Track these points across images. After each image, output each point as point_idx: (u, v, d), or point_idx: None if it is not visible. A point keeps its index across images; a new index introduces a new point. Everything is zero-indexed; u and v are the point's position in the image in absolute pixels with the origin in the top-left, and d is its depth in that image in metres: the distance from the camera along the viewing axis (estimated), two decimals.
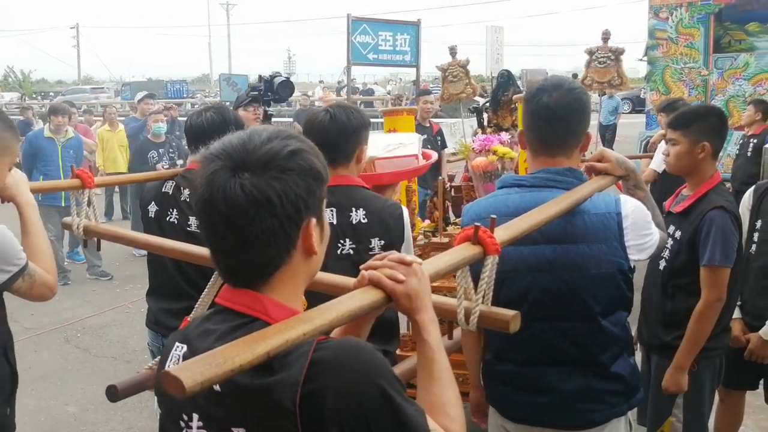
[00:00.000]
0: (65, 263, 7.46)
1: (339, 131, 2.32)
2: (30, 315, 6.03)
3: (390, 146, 3.16)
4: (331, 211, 2.32)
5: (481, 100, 10.17)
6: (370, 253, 2.31)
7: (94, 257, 7.38)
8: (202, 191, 1.12)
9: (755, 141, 6.39)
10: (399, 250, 2.34)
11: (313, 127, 2.35)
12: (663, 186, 4.90)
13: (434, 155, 3.35)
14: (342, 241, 2.33)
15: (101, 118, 10.12)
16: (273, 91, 3.84)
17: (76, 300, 6.64)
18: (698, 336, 2.59)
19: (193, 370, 0.90)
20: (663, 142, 6.12)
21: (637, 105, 20.04)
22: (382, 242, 2.35)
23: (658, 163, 5.96)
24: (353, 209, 2.34)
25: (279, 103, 4.33)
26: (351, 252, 2.33)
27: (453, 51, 5.04)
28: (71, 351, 5.44)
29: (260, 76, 3.94)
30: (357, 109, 2.45)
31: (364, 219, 2.34)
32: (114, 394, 1.86)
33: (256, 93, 3.86)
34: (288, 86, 3.93)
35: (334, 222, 2.32)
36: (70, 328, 5.89)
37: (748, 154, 6.42)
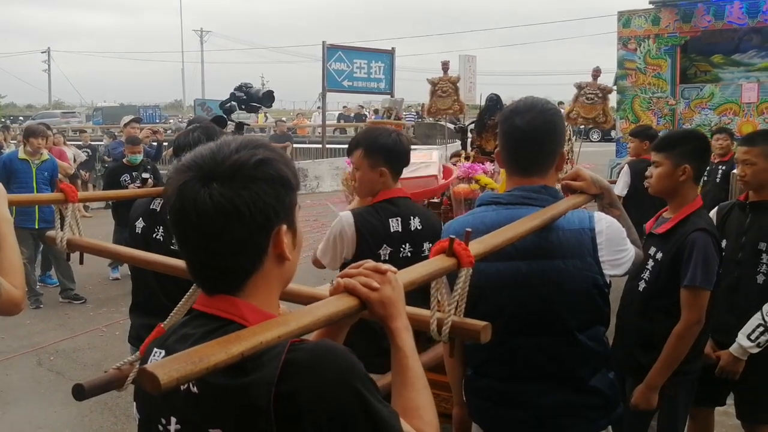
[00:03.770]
0: (37, 287, 7.34)
1: (407, 152, 2.76)
2: (0, 338, 5.93)
3: (412, 166, 3.44)
4: (397, 220, 2.72)
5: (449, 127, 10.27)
6: (422, 255, 2.66)
7: (67, 280, 7.27)
8: (174, 202, 1.15)
9: (724, 167, 6.57)
10: None
11: (393, 148, 2.73)
12: (627, 209, 4.99)
13: (455, 170, 3.66)
14: (404, 246, 2.71)
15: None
16: (255, 100, 3.90)
17: (48, 323, 6.52)
18: (674, 357, 2.63)
19: (168, 368, 0.92)
20: (626, 167, 6.32)
21: (606, 133, 20.42)
22: (430, 245, 2.60)
23: (621, 187, 6.11)
24: (411, 217, 2.74)
25: (252, 112, 4.43)
26: (409, 255, 2.70)
27: (445, 66, 5.10)
28: (44, 374, 5.34)
29: (241, 85, 3.98)
30: (406, 136, 2.84)
31: (419, 226, 2.73)
32: (81, 393, 1.86)
33: (234, 103, 3.90)
34: (270, 97, 4.02)
35: (399, 230, 2.71)
36: (42, 352, 5.78)
37: (717, 180, 6.59)
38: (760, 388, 3.08)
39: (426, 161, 3.57)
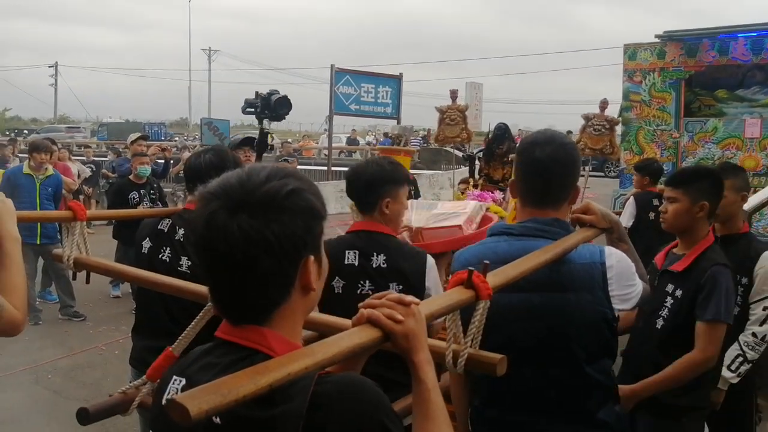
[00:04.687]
0: (37, 303, 7.28)
1: (366, 182, 2.59)
2: None
3: (440, 216, 3.35)
4: (354, 253, 2.55)
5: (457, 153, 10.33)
6: None
7: (67, 297, 7.23)
8: (201, 231, 1.12)
9: None
10: (420, 298, 2.43)
11: (348, 176, 2.70)
12: (632, 240, 5.00)
13: (494, 220, 3.49)
14: (362, 282, 2.54)
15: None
16: (270, 108, 3.75)
17: (47, 341, 6.46)
18: (679, 380, 2.63)
19: (199, 399, 0.92)
20: (632, 198, 6.34)
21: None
22: (400, 287, 2.50)
23: (626, 218, 6.12)
24: (375, 254, 2.56)
25: (275, 121, 4.18)
26: (370, 293, 2.43)
27: (454, 95, 5.14)
28: (41, 393, 5.29)
29: (257, 93, 3.83)
30: (393, 164, 2.69)
31: (384, 264, 2.54)
32: (86, 417, 1.85)
33: (252, 110, 3.81)
34: (285, 104, 3.78)
35: (356, 264, 2.54)
36: (40, 369, 5.72)
37: None
38: (736, 416, 3.16)
39: (456, 211, 3.43)
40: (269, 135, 3.87)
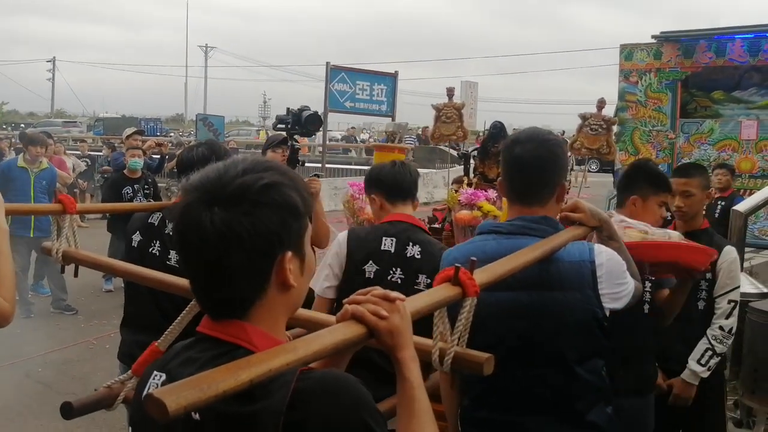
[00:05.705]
0: (29, 296, 7.27)
1: (405, 175, 2.77)
2: None
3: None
4: (391, 240, 2.67)
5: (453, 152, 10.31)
6: (415, 287, 2.56)
7: (59, 290, 7.22)
8: (177, 223, 1.13)
9: (723, 203, 6.56)
10: None
11: (397, 169, 2.82)
12: None
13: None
14: (394, 269, 2.64)
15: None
16: (301, 124, 3.75)
17: (38, 333, 6.40)
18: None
19: (177, 394, 0.90)
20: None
21: (605, 165, 20.51)
22: (429, 281, 2.54)
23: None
24: (410, 243, 2.67)
25: (306, 137, 4.19)
26: (399, 281, 2.60)
27: (450, 93, 5.14)
28: (32, 386, 5.27)
29: (288, 109, 3.83)
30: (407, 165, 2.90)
31: (418, 255, 2.64)
32: (69, 411, 1.84)
33: (284, 126, 3.79)
34: (315, 120, 3.79)
35: (392, 251, 2.66)
36: (31, 363, 5.69)
37: (716, 215, 6.59)
38: (708, 410, 3.23)
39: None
40: (299, 150, 3.86)
